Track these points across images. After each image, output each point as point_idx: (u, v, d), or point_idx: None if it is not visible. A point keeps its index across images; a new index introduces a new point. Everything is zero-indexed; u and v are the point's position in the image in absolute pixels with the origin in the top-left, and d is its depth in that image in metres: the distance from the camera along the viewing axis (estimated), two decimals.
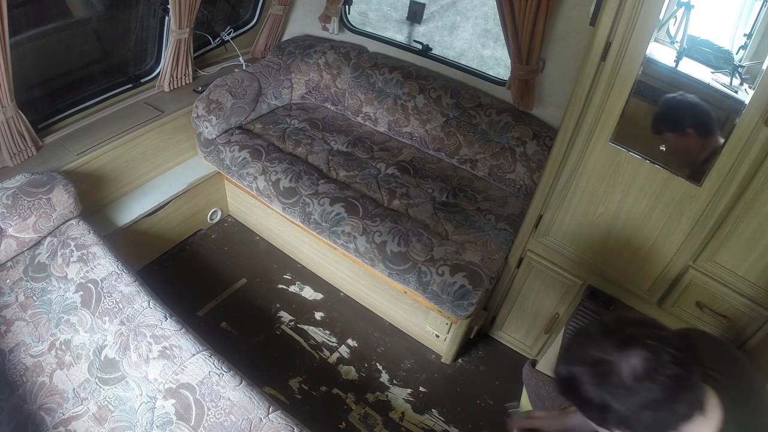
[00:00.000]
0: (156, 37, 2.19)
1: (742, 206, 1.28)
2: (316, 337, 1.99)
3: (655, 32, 1.28)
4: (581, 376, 0.79)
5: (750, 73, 1.27)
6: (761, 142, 1.18)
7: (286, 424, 1.18)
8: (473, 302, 1.63)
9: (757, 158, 1.21)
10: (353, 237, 1.78)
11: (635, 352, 0.75)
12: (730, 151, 1.24)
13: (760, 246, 1.31)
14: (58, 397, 1.31)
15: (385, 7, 5.11)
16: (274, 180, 1.95)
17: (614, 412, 0.77)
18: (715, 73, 1.35)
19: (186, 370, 1.28)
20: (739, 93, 1.29)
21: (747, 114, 1.19)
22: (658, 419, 0.76)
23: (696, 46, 1.37)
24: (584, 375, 0.78)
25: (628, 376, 0.75)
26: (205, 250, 2.31)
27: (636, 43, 1.27)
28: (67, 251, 1.57)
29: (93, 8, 1.99)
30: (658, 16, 1.24)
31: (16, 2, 1.62)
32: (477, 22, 4.83)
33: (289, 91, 2.42)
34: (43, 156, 1.86)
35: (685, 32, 1.35)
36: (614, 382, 0.76)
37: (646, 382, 0.74)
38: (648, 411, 0.76)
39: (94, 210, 1.95)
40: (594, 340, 0.80)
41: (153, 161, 2.15)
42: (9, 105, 1.65)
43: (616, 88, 1.33)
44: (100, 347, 1.38)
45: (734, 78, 1.31)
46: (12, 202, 1.53)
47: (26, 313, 1.48)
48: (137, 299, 1.45)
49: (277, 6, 2.51)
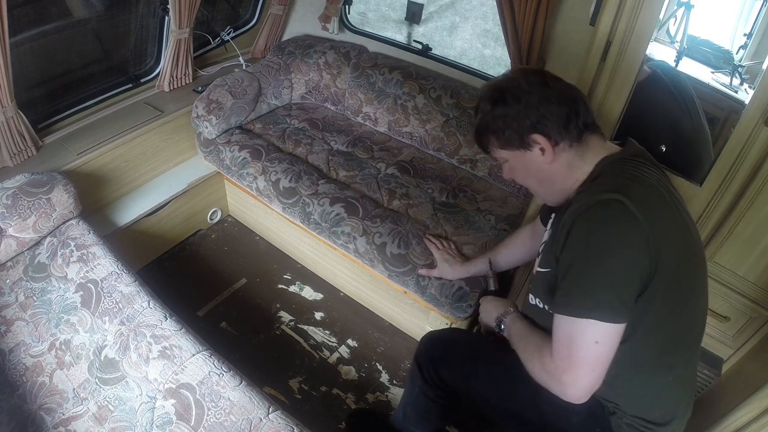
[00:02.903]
0: (156, 37, 2.19)
1: (742, 206, 1.28)
2: (316, 337, 1.99)
3: (655, 32, 1.28)
4: (491, 108, 1.00)
5: (750, 73, 1.28)
6: (761, 142, 1.18)
7: (286, 424, 1.18)
8: (471, 304, 1.63)
9: (757, 158, 1.21)
10: (353, 237, 1.78)
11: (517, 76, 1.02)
12: (730, 151, 1.24)
13: (760, 246, 1.31)
14: (58, 397, 1.31)
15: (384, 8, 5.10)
16: (274, 180, 1.95)
17: (527, 113, 0.96)
18: (715, 73, 1.35)
19: (186, 370, 1.28)
20: (739, 93, 1.30)
21: (747, 114, 1.19)
22: (568, 114, 0.95)
23: (696, 46, 1.37)
24: (492, 104, 1.01)
25: (523, 84, 0.98)
26: (205, 250, 2.31)
27: (636, 43, 1.27)
28: (67, 251, 1.57)
29: (93, 8, 1.98)
30: (658, 16, 1.24)
31: (16, 2, 1.61)
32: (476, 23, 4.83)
33: (289, 91, 2.42)
34: (43, 156, 1.86)
35: (685, 32, 1.35)
36: (513, 92, 0.98)
37: (536, 84, 0.97)
38: (557, 105, 0.95)
39: (94, 210, 1.95)
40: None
41: (153, 161, 2.15)
42: (9, 105, 1.65)
43: (616, 88, 1.33)
44: (100, 347, 1.38)
45: (734, 78, 1.31)
46: (12, 202, 1.53)
47: (26, 313, 1.47)
48: (137, 299, 1.45)
49: (277, 6, 2.51)
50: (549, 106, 0.95)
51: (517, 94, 0.97)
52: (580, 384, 0.89)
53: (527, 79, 0.99)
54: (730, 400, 1.28)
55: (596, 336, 0.85)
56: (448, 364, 1.26)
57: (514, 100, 0.97)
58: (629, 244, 0.84)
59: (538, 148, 0.98)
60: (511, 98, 0.98)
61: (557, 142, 0.97)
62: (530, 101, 0.96)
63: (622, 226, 0.85)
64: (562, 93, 0.97)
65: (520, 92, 0.97)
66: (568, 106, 0.96)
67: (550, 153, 0.97)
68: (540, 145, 0.97)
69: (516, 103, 0.97)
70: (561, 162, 0.99)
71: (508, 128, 0.99)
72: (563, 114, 0.95)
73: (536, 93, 0.96)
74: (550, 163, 0.99)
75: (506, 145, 1.02)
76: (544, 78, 1.00)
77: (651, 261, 0.85)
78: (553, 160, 0.98)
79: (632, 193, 0.87)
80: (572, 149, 0.98)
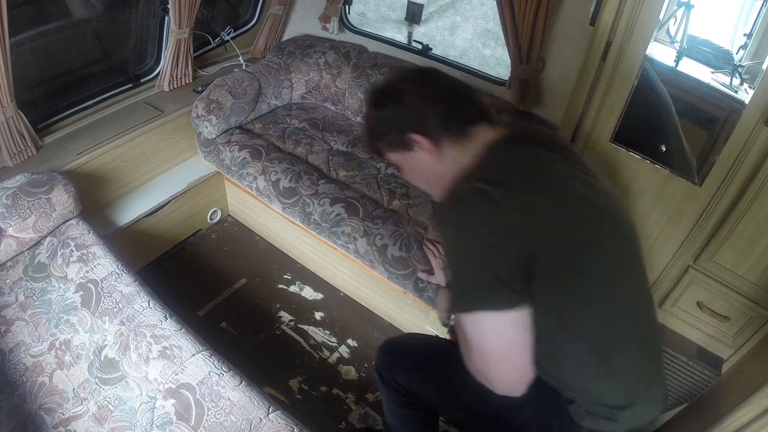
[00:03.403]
0: (156, 37, 2.19)
1: (742, 206, 1.28)
2: (316, 337, 1.99)
3: (655, 32, 1.28)
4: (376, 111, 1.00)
5: (750, 73, 1.27)
6: (761, 142, 1.19)
7: (286, 424, 1.18)
8: None
9: (757, 158, 1.21)
10: (353, 238, 1.78)
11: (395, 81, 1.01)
12: (730, 151, 1.24)
13: (760, 246, 1.31)
14: (58, 397, 1.31)
15: (383, 8, 5.10)
16: (274, 180, 1.95)
17: (405, 114, 0.95)
18: (715, 73, 1.35)
19: (186, 370, 1.28)
20: (739, 93, 1.29)
21: (747, 114, 1.19)
22: (445, 111, 0.94)
23: (696, 46, 1.37)
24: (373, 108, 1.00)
25: (401, 85, 0.97)
26: (205, 250, 2.31)
27: (636, 43, 1.27)
28: (67, 251, 1.57)
29: (93, 8, 1.98)
30: (658, 16, 1.24)
31: (16, 2, 1.61)
32: (477, 22, 4.83)
33: (289, 91, 2.42)
34: (42, 156, 1.86)
35: (685, 32, 1.35)
36: (391, 94, 0.97)
37: (413, 84, 0.96)
38: (434, 103, 0.94)
39: (94, 210, 1.95)
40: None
41: (153, 161, 2.15)
42: (9, 105, 1.65)
43: (616, 88, 1.33)
44: (100, 347, 1.38)
45: (734, 78, 1.31)
46: (12, 202, 1.53)
47: (26, 313, 1.47)
48: (137, 299, 1.45)
49: (277, 6, 2.51)
50: (426, 105, 0.94)
51: (395, 96, 0.96)
52: (503, 378, 0.86)
53: (405, 78, 0.99)
54: (730, 400, 1.28)
55: (491, 326, 0.82)
56: (402, 369, 1.24)
57: (392, 101, 0.96)
58: (489, 231, 0.81)
59: (420, 149, 0.96)
60: (389, 100, 0.97)
61: (438, 140, 0.94)
62: (407, 101, 0.95)
63: (478, 215, 0.82)
64: (440, 90, 0.96)
65: (397, 93, 0.96)
66: (445, 103, 0.94)
67: (433, 152, 0.95)
68: (422, 145, 0.95)
69: (394, 105, 0.96)
70: (447, 160, 0.96)
71: (390, 131, 0.97)
72: (440, 111, 0.94)
73: (412, 92, 0.95)
74: (436, 162, 0.97)
75: (391, 148, 1.00)
76: (425, 77, 0.99)
77: (522, 245, 0.81)
78: (438, 159, 0.96)
79: (495, 178, 0.84)
80: (457, 145, 0.95)
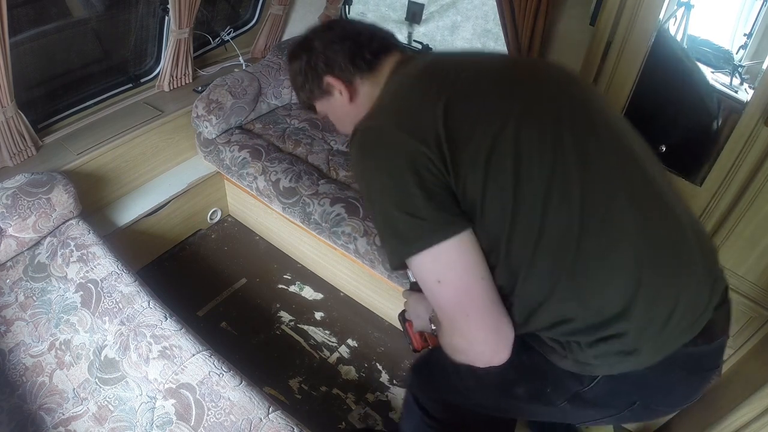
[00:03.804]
0: (156, 37, 2.19)
1: (742, 206, 1.28)
2: (316, 337, 1.99)
3: (655, 32, 1.28)
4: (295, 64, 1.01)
5: (750, 73, 1.28)
6: (761, 142, 1.19)
7: (286, 424, 1.18)
8: None
9: (757, 158, 1.21)
10: (354, 238, 1.78)
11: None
12: (730, 151, 1.24)
13: (760, 246, 1.31)
14: (58, 397, 1.31)
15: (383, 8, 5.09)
16: (274, 180, 1.95)
17: (315, 60, 0.97)
18: (715, 73, 1.35)
19: (186, 370, 1.28)
20: (739, 93, 1.30)
21: (747, 114, 1.19)
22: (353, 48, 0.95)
23: (696, 46, 1.37)
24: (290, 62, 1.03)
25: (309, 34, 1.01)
26: (205, 250, 2.31)
27: (636, 43, 1.27)
28: (67, 251, 1.57)
29: (93, 8, 1.98)
30: (658, 16, 1.24)
31: (16, 2, 1.61)
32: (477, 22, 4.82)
33: (289, 91, 2.42)
34: (42, 156, 1.86)
35: (685, 32, 1.35)
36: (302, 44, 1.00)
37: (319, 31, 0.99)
38: (341, 43, 0.95)
39: (94, 210, 1.95)
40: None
41: (153, 161, 2.15)
42: (9, 105, 1.65)
43: (616, 88, 1.33)
44: (100, 347, 1.38)
45: (734, 78, 1.31)
46: (12, 202, 1.53)
47: (26, 313, 1.47)
48: (137, 299, 1.45)
49: (277, 6, 2.51)
50: (332, 46, 0.96)
51: (305, 45, 1.00)
52: (476, 336, 0.75)
53: (314, 29, 1.02)
54: (730, 400, 1.28)
55: (443, 263, 0.74)
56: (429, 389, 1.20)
57: (303, 50, 0.99)
58: (396, 156, 0.76)
59: (336, 92, 0.97)
60: (301, 50, 1.00)
61: (349, 80, 0.96)
62: (315, 47, 0.97)
63: (380, 150, 0.79)
64: (346, 31, 0.98)
65: (306, 42, 1.00)
66: (351, 41, 0.95)
67: (346, 93, 0.96)
68: (336, 87, 0.97)
69: (305, 53, 0.99)
70: (362, 99, 0.96)
71: (306, 80, 1.00)
72: (347, 50, 0.95)
73: (319, 38, 0.98)
74: (353, 102, 0.97)
75: (314, 97, 1.02)
76: (331, 23, 1.05)
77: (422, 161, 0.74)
78: (353, 98, 0.97)
79: (386, 107, 0.85)
80: (368, 81, 0.95)
